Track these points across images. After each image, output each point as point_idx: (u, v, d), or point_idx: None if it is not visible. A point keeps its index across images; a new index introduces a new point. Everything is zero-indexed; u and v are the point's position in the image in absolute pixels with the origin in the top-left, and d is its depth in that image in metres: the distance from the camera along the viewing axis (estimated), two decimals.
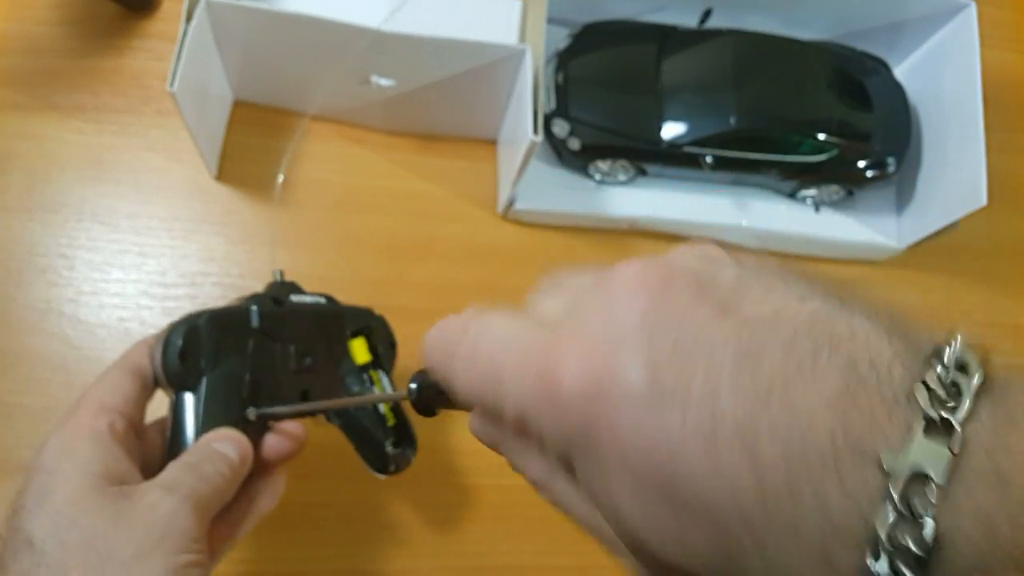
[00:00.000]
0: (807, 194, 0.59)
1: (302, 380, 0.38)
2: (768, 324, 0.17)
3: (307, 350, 0.38)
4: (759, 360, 0.16)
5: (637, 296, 0.19)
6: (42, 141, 0.53)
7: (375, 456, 0.40)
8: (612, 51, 0.57)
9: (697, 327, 0.17)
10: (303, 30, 0.47)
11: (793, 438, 0.15)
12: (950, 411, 0.15)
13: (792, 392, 0.16)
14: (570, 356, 0.18)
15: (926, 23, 0.59)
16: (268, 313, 0.37)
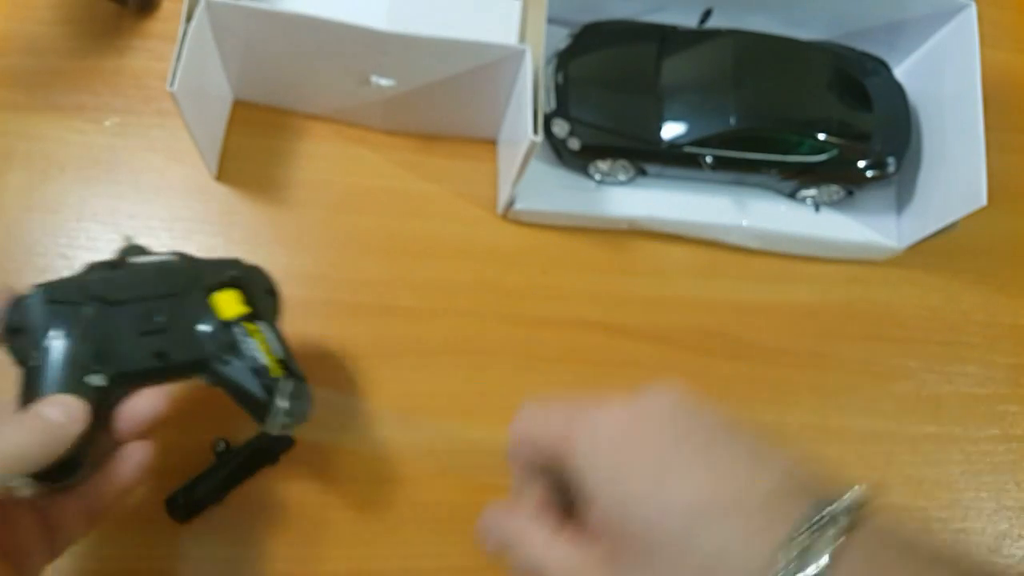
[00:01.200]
0: (807, 194, 0.59)
1: (153, 341, 0.37)
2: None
3: (155, 310, 0.37)
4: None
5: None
6: (42, 141, 0.53)
7: (259, 412, 0.39)
8: (612, 51, 0.57)
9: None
10: (303, 30, 0.47)
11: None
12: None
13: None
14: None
15: (926, 23, 0.59)
16: (104, 278, 0.37)
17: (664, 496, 0.25)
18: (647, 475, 0.26)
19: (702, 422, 0.27)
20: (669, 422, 0.27)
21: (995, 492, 0.57)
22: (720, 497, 0.25)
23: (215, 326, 0.39)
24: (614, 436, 0.28)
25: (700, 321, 0.57)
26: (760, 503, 0.24)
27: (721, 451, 0.26)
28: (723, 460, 0.26)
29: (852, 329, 0.59)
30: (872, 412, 0.58)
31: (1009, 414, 0.60)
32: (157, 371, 0.37)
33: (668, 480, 0.25)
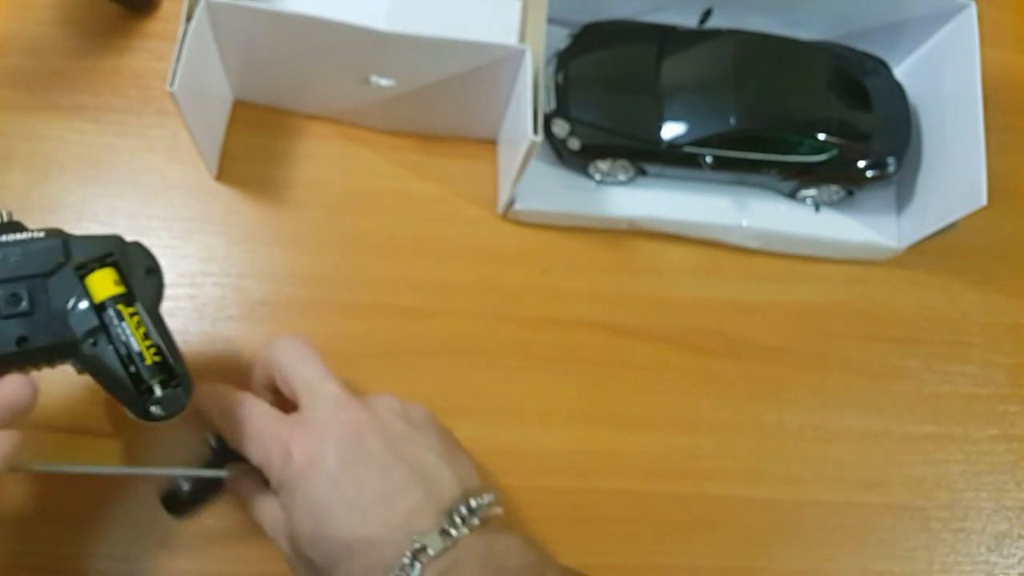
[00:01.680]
0: (807, 194, 0.59)
1: (15, 325, 0.35)
2: (398, 464, 0.38)
3: (18, 292, 0.35)
4: (387, 481, 0.37)
5: (344, 428, 0.39)
6: (42, 141, 0.53)
7: (130, 401, 0.37)
8: (612, 51, 0.57)
9: (366, 450, 0.38)
10: (303, 30, 0.47)
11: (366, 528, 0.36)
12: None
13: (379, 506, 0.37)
14: (302, 443, 0.38)
15: (926, 23, 0.59)
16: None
17: (325, 531, 0.37)
18: (316, 515, 0.37)
19: (362, 455, 0.38)
20: (335, 464, 0.37)
21: (995, 492, 0.58)
22: (356, 536, 0.36)
23: (85, 308, 0.36)
24: (296, 479, 0.38)
25: (700, 321, 0.57)
26: (387, 533, 0.36)
27: (370, 488, 0.37)
28: (367, 499, 0.37)
29: (852, 329, 0.59)
30: (872, 412, 0.58)
31: (1009, 414, 0.60)
32: (19, 355, 0.35)
33: (327, 522, 0.37)
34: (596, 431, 0.53)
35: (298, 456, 0.37)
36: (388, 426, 0.39)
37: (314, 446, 0.38)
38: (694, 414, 0.55)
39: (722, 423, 0.55)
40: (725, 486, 0.54)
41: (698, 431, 0.55)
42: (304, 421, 0.39)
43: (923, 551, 0.55)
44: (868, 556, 0.54)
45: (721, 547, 0.53)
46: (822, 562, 0.54)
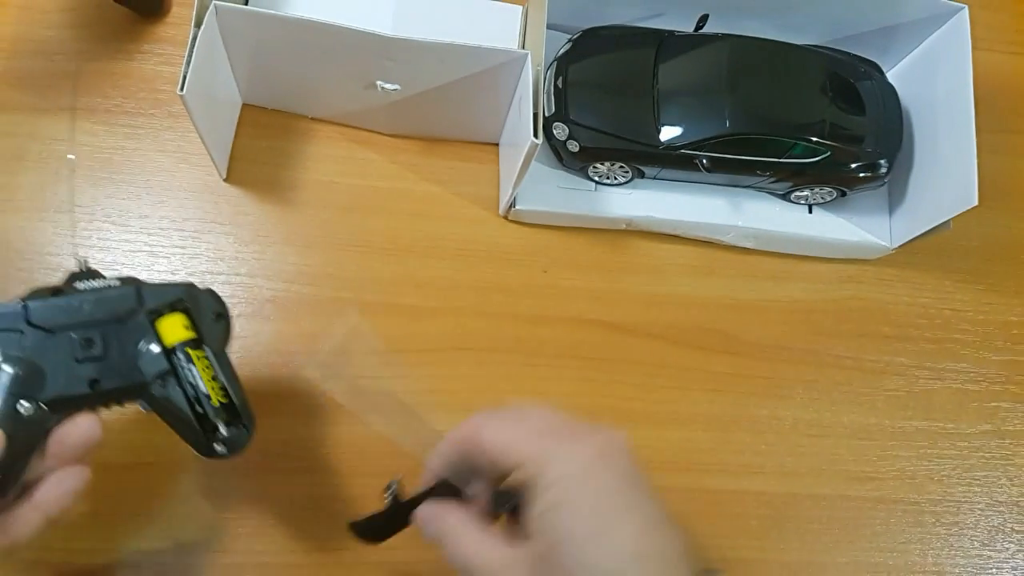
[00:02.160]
0: (800, 195, 0.60)
1: (89, 368, 0.37)
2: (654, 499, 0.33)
3: (92, 337, 0.37)
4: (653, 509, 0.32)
5: (615, 450, 0.34)
6: (53, 143, 0.54)
7: (196, 440, 0.38)
8: (610, 56, 0.58)
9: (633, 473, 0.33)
10: (310, 35, 0.48)
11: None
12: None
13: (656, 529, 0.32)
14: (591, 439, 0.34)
15: (919, 26, 0.59)
16: (40, 305, 0.37)
17: (607, 539, 0.31)
18: (598, 515, 0.32)
19: (637, 477, 0.33)
20: (620, 472, 0.33)
21: (987, 487, 0.58)
22: (649, 549, 0.31)
23: (155, 351, 0.38)
24: (578, 473, 0.33)
25: (696, 318, 0.58)
26: (676, 560, 0.31)
27: (649, 508, 0.33)
28: (652, 517, 0.32)
29: (845, 327, 0.60)
30: (865, 407, 0.59)
31: (1001, 410, 0.61)
32: (91, 397, 0.37)
33: (613, 525, 0.32)
34: None
35: (590, 450, 0.33)
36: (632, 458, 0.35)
37: (604, 447, 0.34)
38: (691, 409, 0.56)
39: (718, 418, 0.56)
40: (721, 479, 0.55)
41: (695, 426, 0.56)
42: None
43: (916, 545, 0.56)
44: (861, 549, 0.55)
45: (716, 539, 0.54)
46: (816, 554, 0.54)
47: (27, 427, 0.35)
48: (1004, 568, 0.57)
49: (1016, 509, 0.58)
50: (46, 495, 0.36)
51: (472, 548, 0.35)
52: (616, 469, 0.33)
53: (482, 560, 0.35)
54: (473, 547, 0.35)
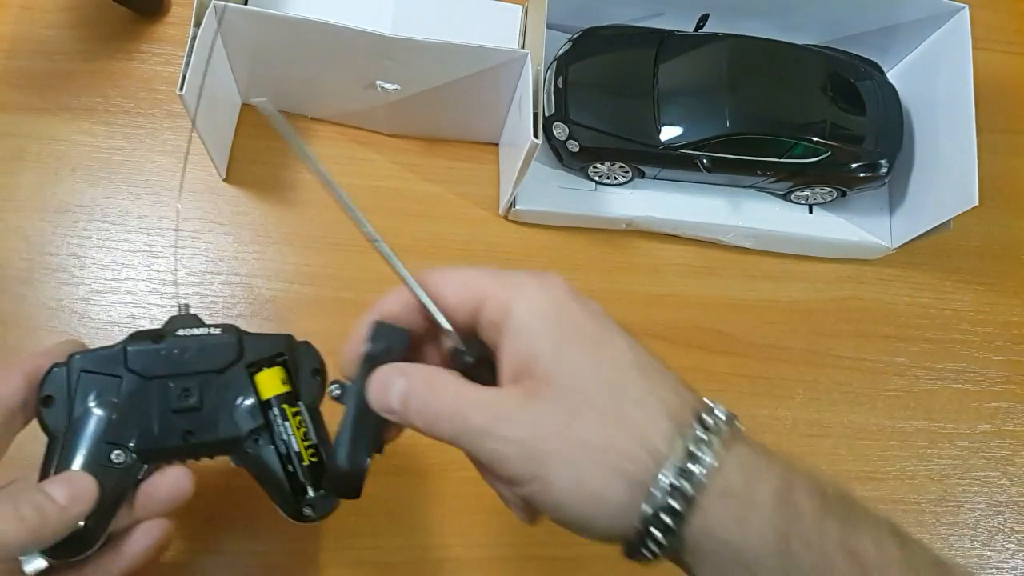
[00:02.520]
0: (801, 195, 0.60)
1: (184, 419, 0.35)
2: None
3: (190, 387, 0.36)
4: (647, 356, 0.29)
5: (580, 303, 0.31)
6: (53, 142, 0.54)
7: (284, 500, 0.37)
8: (610, 55, 0.58)
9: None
10: (310, 35, 0.48)
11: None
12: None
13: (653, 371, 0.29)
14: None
15: (920, 26, 0.59)
16: (143, 351, 0.35)
17: (601, 354, 0.29)
18: (585, 336, 0.29)
19: (596, 308, 0.31)
20: (586, 300, 0.31)
21: (987, 487, 0.58)
22: (644, 358, 0.29)
23: (251, 405, 0.37)
24: (552, 303, 0.30)
25: (696, 318, 0.58)
26: (672, 387, 0.29)
27: (627, 338, 0.30)
28: (637, 346, 0.30)
29: (845, 327, 0.60)
30: (865, 407, 0.59)
31: (1001, 410, 0.61)
32: (183, 449, 0.36)
33: (605, 341, 0.29)
34: None
35: (561, 280, 0.31)
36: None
37: (555, 279, 0.31)
38: None
39: None
40: None
41: None
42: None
43: None
44: None
45: None
46: None
47: (118, 476, 0.34)
48: (1004, 568, 0.57)
49: (1016, 509, 0.58)
50: (130, 547, 0.35)
51: (453, 393, 0.29)
52: (581, 298, 0.31)
53: (473, 403, 0.29)
54: (455, 391, 0.29)
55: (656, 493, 0.26)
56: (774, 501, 0.26)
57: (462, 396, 0.29)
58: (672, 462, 0.26)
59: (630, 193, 0.59)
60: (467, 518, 0.50)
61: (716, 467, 0.26)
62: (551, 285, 0.30)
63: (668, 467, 0.26)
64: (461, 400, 0.29)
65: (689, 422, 0.27)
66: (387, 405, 0.30)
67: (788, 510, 0.25)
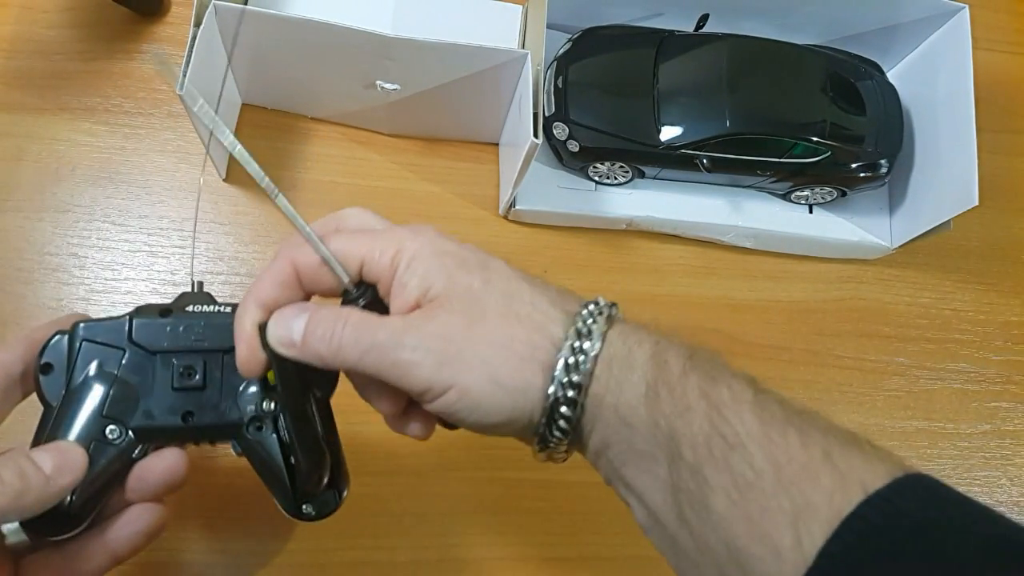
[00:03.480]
0: (801, 195, 0.60)
1: (185, 399, 0.34)
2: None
3: (195, 365, 0.34)
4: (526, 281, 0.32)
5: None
6: (53, 142, 0.54)
7: (283, 494, 0.35)
8: (610, 55, 0.58)
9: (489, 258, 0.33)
10: (310, 35, 0.48)
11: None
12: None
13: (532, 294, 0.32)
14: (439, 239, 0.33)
15: (920, 26, 0.60)
16: (145, 324, 0.34)
17: (489, 276, 0.31)
18: (471, 265, 0.31)
19: (470, 245, 0.33)
20: (460, 243, 0.33)
21: (988, 487, 0.59)
22: (530, 279, 0.32)
23: (256, 390, 0.35)
24: (432, 247, 0.31)
25: (696, 318, 0.58)
26: (556, 290, 0.32)
27: (507, 264, 0.33)
28: (517, 269, 0.33)
29: (845, 327, 0.60)
30: (865, 407, 0.59)
31: (1001, 410, 0.61)
32: (181, 431, 0.34)
33: (490, 270, 0.32)
34: None
35: (431, 228, 0.32)
36: None
37: (425, 228, 0.33)
38: None
39: None
40: None
41: None
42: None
43: None
44: None
45: None
46: None
47: (112, 454, 0.33)
48: None
49: (1016, 509, 0.58)
50: (117, 531, 0.34)
51: (358, 317, 0.30)
52: (454, 239, 0.33)
53: (379, 323, 0.30)
54: (358, 316, 0.30)
55: (559, 371, 0.29)
56: (647, 360, 0.29)
57: (366, 318, 0.30)
58: (568, 342, 0.29)
59: (630, 193, 0.59)
60: (467, 518, 0.51)
61: (602, 340, 0.29)
62: (425, 230, 0.32)
63: (565, 347, 0.29)
64: (367, 321, 0.30)
65: (577, 311, 0.30)
66: (288, 338, 0.30)
67: (658, 366, 0.29)
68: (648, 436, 0.28)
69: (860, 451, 0.27)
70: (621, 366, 0.29)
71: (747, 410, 0.27)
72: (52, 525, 0.32)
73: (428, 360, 0.29)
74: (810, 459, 0.26)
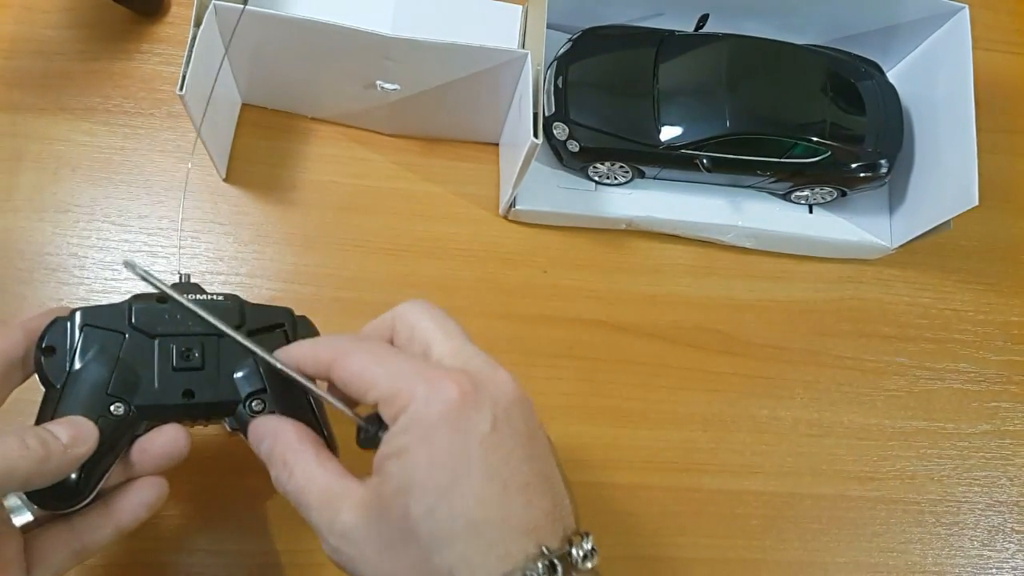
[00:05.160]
0: (801, 195, 0.60)
1: (185, 379, 0.36)
2: (537, 458, 0.31)
3: (193, 347, 0.36)
4: (529, 469, 0.30)
5: (502, 392, 0.31)
6: (52, 143, 0.54)
7: None
8: (610, 55, 0.58)
9: (517, 427, 0.31)
10: (310, 35, 0.48)
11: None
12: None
13: (520, 493, 0.29)
14: (460, 383, 0.31)
15: (920, 26, 0.59)
16: (147, 308, 0.36)
17: (447, 500, 0.28)
18: (445, 470, 0.29)
19: (510, 429, 0.30)
20: (484, 421, 0.30)
21: (987, 487, 0.59)
22: (493, 517, 0.28)
23: (251, 370, 0.37)
24: (435, 420, 0.29)
25: (696, 318, 0.58)
26: (522, 530, 0.29)
27: (511, 467, 0.29)
28: (510, 478, 0.29)
29: (845, 327, 0.60)
30: (865, 407, 0.59)
31: (1001, 410, 0.61)
32: (182, 408, 0.36)
33: (457, 486, 0.28)
34: (594, 426, 0.54)
35: (453, 395, 0.29)
36: (532, 413, 0.32)
37: (472, 394, 0.30)
38: (690, 409, 0.56)
39: (718, 418, 0.56)
40: (721, 480, 0.55)
41: (694, 426, 0.56)
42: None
43: (916, 545, 0.56)
44: (862, 549, 0.55)
45: (716, 539, 0.54)
46: (816, 554, 0.54)
47: (116, 429, 0.35)
48: (1004, 568, 0.57)
49: (1016, 509, 0.58)
50: (121, 503, 0.35)
51: (304, 475, 0.32)
52: (480, 417, 0.29)
53: (312, 489, 0.31)
54: (305, 474, 0.32)
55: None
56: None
57: (311, 479, 0.32)
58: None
59: (630, 193, 0.59)
60: None
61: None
62: (450, 394, 0.30)
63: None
64: (305, 483, 0.32)
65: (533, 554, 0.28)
66: (256, 450, 0.34)
67: None
68: None
69: None
70: None
71: None
72: (61, 498, 0.33)
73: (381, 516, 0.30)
74: None
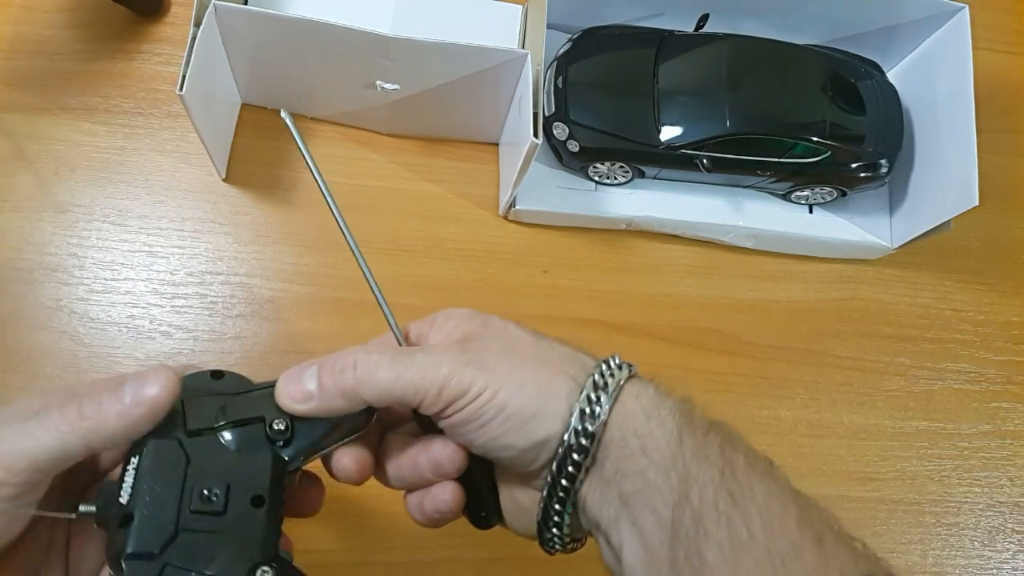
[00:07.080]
0: (801, 195, 0.60)
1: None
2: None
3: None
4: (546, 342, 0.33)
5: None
6: (52, 142, 0.54)
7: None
8: (610, 55, 0.58)
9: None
10: (310, 35, 0.48)
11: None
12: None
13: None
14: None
15: (920, 26, 0.60)
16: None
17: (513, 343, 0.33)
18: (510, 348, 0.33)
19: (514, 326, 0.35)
20: (489, 321, 0.35)
21: (987, 487, 0.59)
22: (553, 345, 0.33)
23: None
24: (465, 323, 0.35)
25: (696, 318, 0.58)
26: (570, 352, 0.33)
27: (531, 334, 0.34)
28: (538, 337, 0.34)
29: (845, 327, 0.60)
30: (865, 407, 0.59)
31: (1001, 410, 0.61)
32: None
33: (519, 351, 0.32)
34: None
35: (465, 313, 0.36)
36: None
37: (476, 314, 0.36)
38: None
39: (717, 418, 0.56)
40: None
41: None
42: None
43: (917, 545, 0.56)
44: None
45: None
46: None
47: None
48: (1004, 568, 0.57)
49: (1016, 509, 0.58)
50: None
51: (388, 358, 0.32)
52: (485, 316, 0.35)
53: (409, 350, 0.33)
54: (375, 349, 0.33)
55: (587, 387, 0.30)
56: (675, 409, 0.31)
57: (384, 348, 0.34)
58: (594, 378, 0.31)
59: (630, 193, 0.59)
60: None
61: (629, 369, 0.31)
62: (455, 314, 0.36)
63: (593, 373, 0.31)
64: (397, 352, 0.33)
65: (600, 367, 0.32)
66: (303, 392, 0.32)
67: (684, 415, 0.31)
68: (664, 470, 0.29)
69: (850, 547, 0.28)
70: (652, 402, 0.31)
71: (757, 478, 0.29)
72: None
73: (461, 363, 0.31)
74: (802, 539, 0.27)
